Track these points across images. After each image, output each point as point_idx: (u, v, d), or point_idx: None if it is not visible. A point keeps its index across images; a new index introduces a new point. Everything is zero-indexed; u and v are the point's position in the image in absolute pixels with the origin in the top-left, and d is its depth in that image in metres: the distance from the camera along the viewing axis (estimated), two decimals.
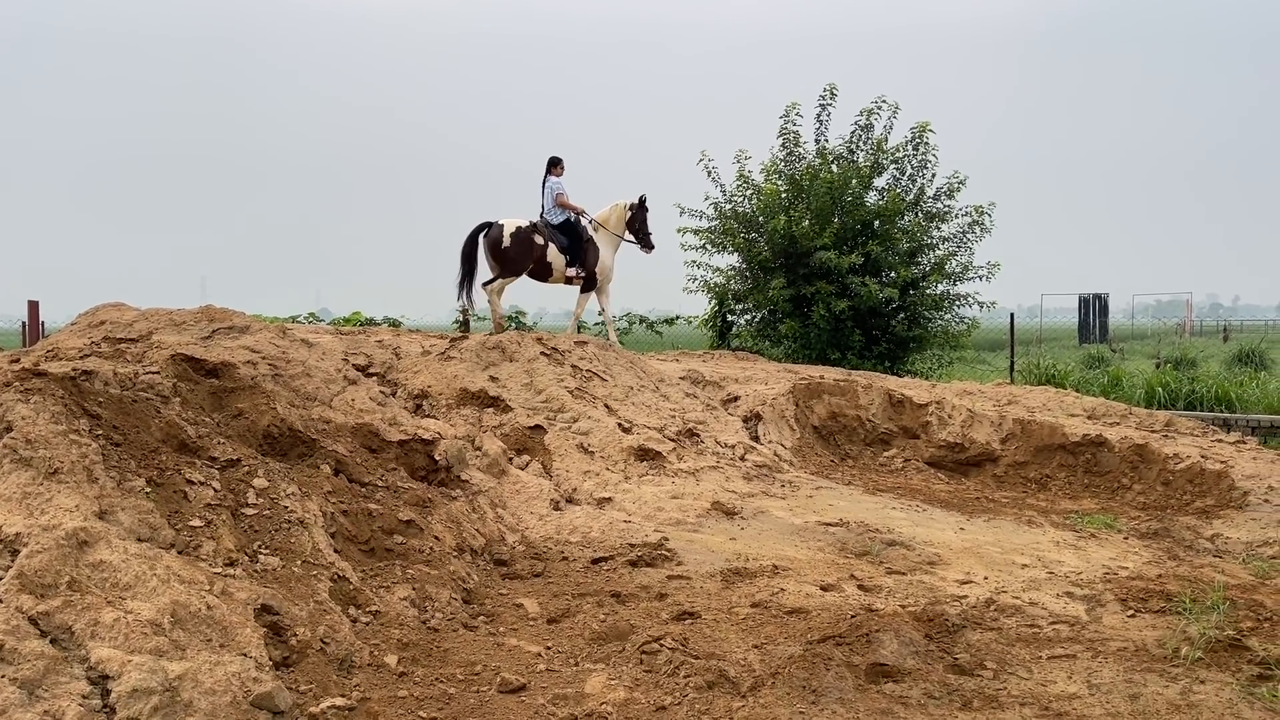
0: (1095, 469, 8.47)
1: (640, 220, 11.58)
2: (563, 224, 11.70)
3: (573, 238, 11.64)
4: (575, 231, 11.69)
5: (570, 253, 11.56)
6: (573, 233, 11.68)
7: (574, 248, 11.58)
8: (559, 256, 11.51)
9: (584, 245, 11.60)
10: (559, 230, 11.66)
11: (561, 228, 11.69)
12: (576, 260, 11.57)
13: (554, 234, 11.61)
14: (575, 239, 11.64)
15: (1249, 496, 7.11)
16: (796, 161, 15.16)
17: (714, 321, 16.17)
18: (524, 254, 11.50)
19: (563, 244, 11.55)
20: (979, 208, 14.73)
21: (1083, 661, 3.86)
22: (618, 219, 11.67)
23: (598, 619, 4.27)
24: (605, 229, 11.63)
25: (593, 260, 11.60)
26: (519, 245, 11.49)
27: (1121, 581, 4.99)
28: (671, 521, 5.93)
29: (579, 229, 11.70)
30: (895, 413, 9.50)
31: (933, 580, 5.01)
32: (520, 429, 6.76)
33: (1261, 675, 3.67)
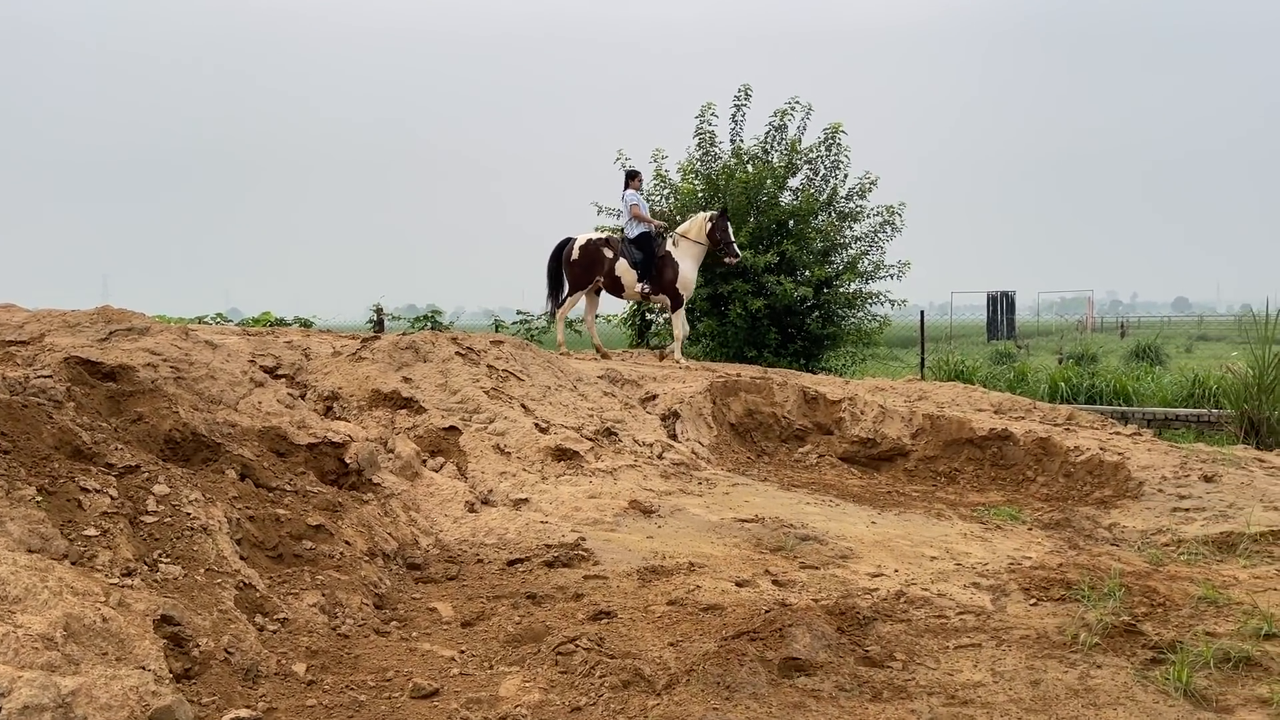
0: (1001, 462, 8.71)
1: (721, 229, 11.33)
2: (638, 238, 11.34)
3: (647, 252, 11.25)
4: (650, 246, 11.30)
5: (642, 268, 11.17)
6: (647, 247, 11.30)
7: (646, 263, 11.19)
8: (629, 271, 11.17)
9: (658, 260, 11.20)
10: (634, 244, 11.31)
11: (637, 242, 11.33)
12: (647, 275, 11.18)
13: (627, 248, 11.28)
14: (649, 254, 11.25)
15: (1144, 486, 7.38)
16: (713, 161, 15.29)
17: (633, 320, 16.21)
18: (590, 267, 11.25)
19: (634, 258, 11.18)
20: (890, 208, 15.06)
21: (988, 650, 3.97)
22: (698, 229, 11.37)
23: (513, 621, 4.24)
24: (687, 239, 11.29)
25: (670, 276, 11.20)
26: (586, 258, 11.27)
27: (1025, 571, 5.14)
28: (589, 521, 5.91)
29: (653, 244, 11.32)
30: (810, 409, 9.63)
31: (845, 574, 5.09)
32: (435, 430, 6.67)
33: (1155, 659, 3.82)
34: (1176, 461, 7.85)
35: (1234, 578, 5.03)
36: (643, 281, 11.19)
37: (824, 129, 15.15)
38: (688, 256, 11.34)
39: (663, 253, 11.28)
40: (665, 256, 11.26)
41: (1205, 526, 6.31)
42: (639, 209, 11.37)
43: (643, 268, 11.20)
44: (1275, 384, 11.29)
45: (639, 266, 11.19)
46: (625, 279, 11.20)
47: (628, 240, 11.37)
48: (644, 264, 11.21)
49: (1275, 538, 5.88)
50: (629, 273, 11.15)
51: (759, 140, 15.39)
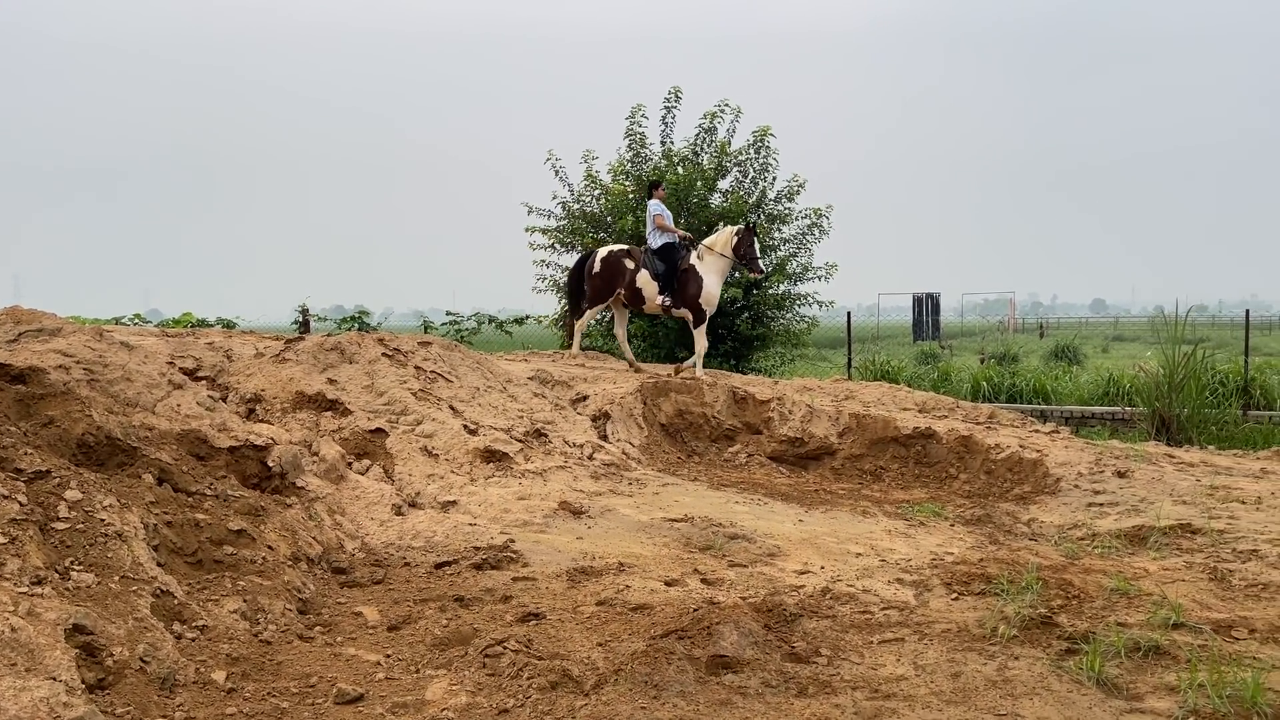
0: (925, 460, 8.89)
1: (748, 244, 10.89)
2: (661, 249, 10.96)
3: (670, 264, 10.85)
4: (673, 258, 10.90)
5: (664, 280, 10.80)
6: (670, 259, 10.90)
7: (668, 275, 10.80)
8: (650, 283, 10.80)
9: (681, 274, 10.80)
10: (657, 255, 10.92)
11: (660, 253, 10.94)
12: (669, 288, 10.79)
13: (650, 259, 10.90)
14: (672, 266, 10.84)
15: (1061, 483, 7.60)
16: (643, 162, 15.33)
17: (564, 321, 16.17)
18: (611, 279, 10.91)
19: (657, 270, 10.81)
20: (817, 210, 15.25)
21: (910, 644, 4.05)
22: (724, 243, 10.98)
23: (440, 624, 4.20)
24: (712, 252, 10.90)
25: (693, 290, 10.78)
26: (607, 270, 10.94)
27: (947, 566, 5.25)
28: (518, 523, 5.88)
29: (676, 256, 10.92)
30: (739, 409, 9.72)
31: (773, 571, 5.14)
32: (360, 433, 6.57)
33: (1069, 649, 3.93)
34: (1092, 458, 8.09)
35: (1145, 570, 5.20)
36: (664, 294, 10.82)
37: (753, 131, 15.30)
38: (712, 270, 10.93)
39: (686, 266, 10.88)
40: (689, 270, 10.85)
41: (1118, 521, 6.51)
42: (663, 219, 11.00)
43: (665, 280, 10.82)
44: (1184, 382, 11.72)
45: (661, 279, 10.82)
46: (646, 291, 10.83)
47: (650, 251, 10.98)
48: (666, 276, 10.83)
49: (1184, 531, 6.09)
50: (650, 285, 10.80)
51: (689, 142, 15.49)
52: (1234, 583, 4.97)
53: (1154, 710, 3.40)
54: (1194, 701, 3.38)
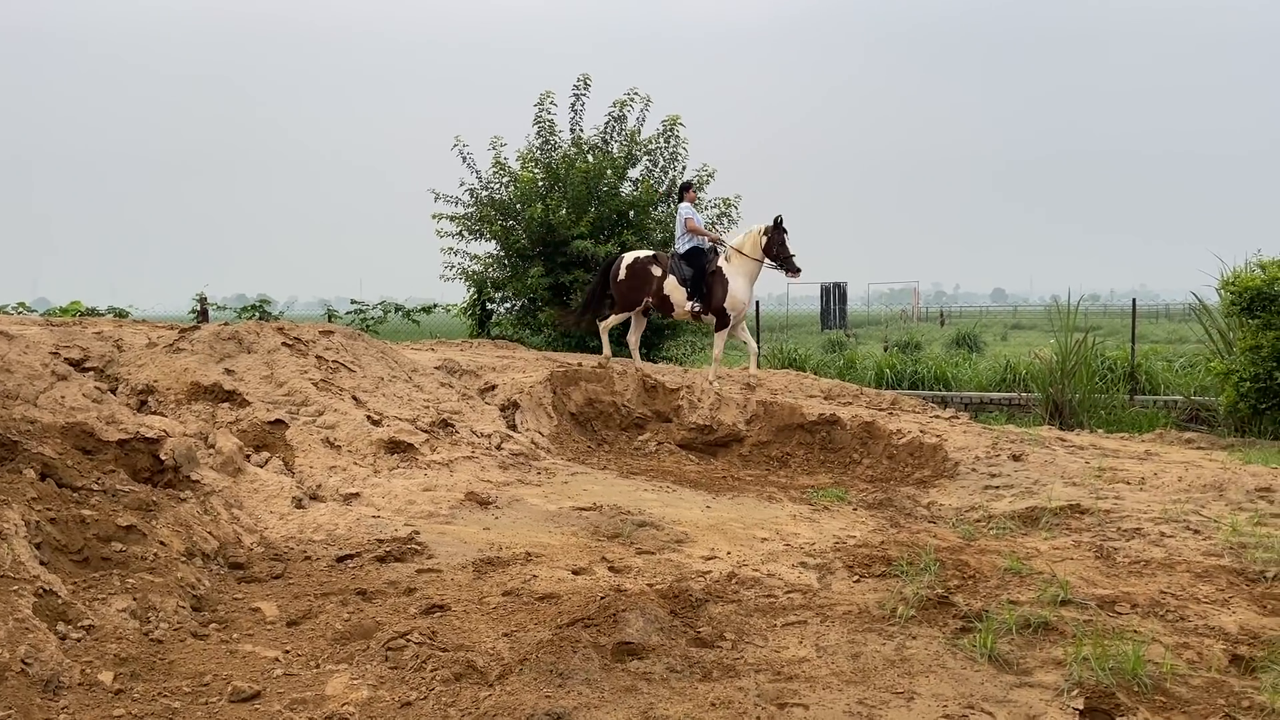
0: (830, 446, 9.05)
1: (778, 242, 10.37)
2: (688, 253, 10.61)
3: (697, 269, 10.48)
4: (701, 262, 10.53)
5: (692, 285, 10.42)
6: (698, 263, 10.52)
7: (696, 280, 10.42)
8: (678, 289, 10.43)
9: (709, 278, 10.43)
10: (684, 260, 10.56)
11: (687, 257, 10.59)
12: (697, 294, 10.41)
13: (676, 264, 10.53)
14: (699, 270, 10.47)
15: (959, 466, 7.82)
16: (553, 150, 15.24)
17: (473, 310, 16.01)
18: (638, 287, 10.53)
19: (684, 275, 10.44)
20: (726, 200, 15.37)
21: (813, 626, 4.12)
22: (753, 244, 10.48)
23: (341, 618, 4.12)
24: (741, 254, 10.47)
25: (720, 295, 10.35)
26: (633, 278, 10.54)
27: (849, 550, 5.35)
28: (423, 514, 5.80)
29: (704, 260, 10.55)
30: (649, 398, 9.76)
31: (680, 558, 5.18)
32: (259, 424, 6.39)
33: (964, 628, 4.05)
34: (989, 442, 8.35)
35: (1036, 549, 5.39)
36: (693, 300, 10.44)
37: (663, 120, 15.34)
38: (740, 273, 10.46)
39: (714, 269, 10.49)
40: (716, 273, 10.45)
41: (1013, 502, 6.74)
42: (694, 222, 10.65)
43: (693, 285, 10.44)
44: (1076, 369, 12.18)
45: (689, 284, 10.45)
46: (674, 297, 10.47)
47: (677, 256, 10.63)
48: (694, 281, 10.45)
49: (1073, 511, 6.33)
50: (678, 290, 10.44)
51: (599, 130, 15.45)
52: (1118, 560, 5.19)
53: (1042, 683, 3.52)
54: (1079, 674, 3.52)
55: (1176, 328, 27.85)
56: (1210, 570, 4.94)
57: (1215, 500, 6.54)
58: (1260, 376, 10.39)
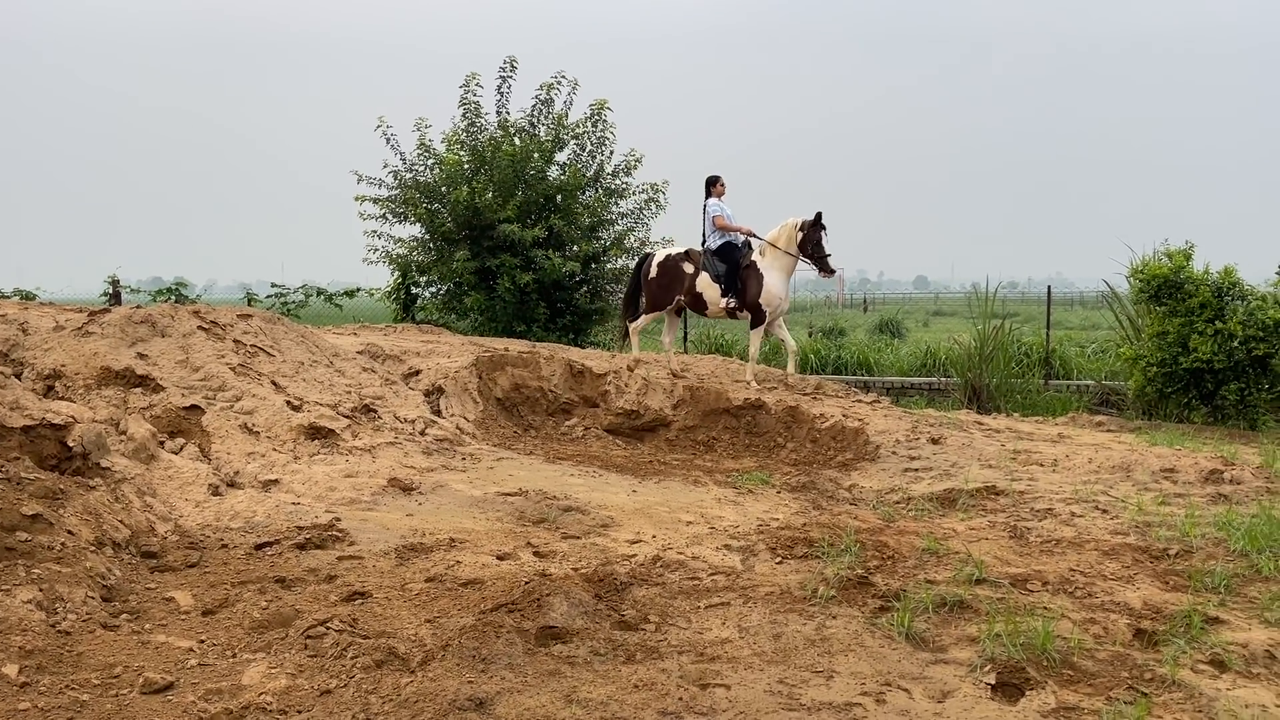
0: (755, 430, 9.15)
1: (814, 240, 10.04)
2: (721, 249, 10.29)
3: (730, 264, 10.18)
4: (734, 257, 10.23)
5: (726, 281, 10.14)
6: (731, 258, 10.22)
7: (730, 275, 10.14)
8: (711, 286, 10.17)
9: (742, 273, 10.15)
10: (716, 255, 10.27)
11: (720, 253, 10.28)
12: (732, 289, 10.13)
13: (710, 261, 10.25)
14: (733, 265, 10.17)
15: (880, 450, 7.97)
16: (479, 133, 15.08)
17: (397, 294, 15.78)
18: (670, 285, 10.30)
19: (717, 271, 10.17)
20: (654, 185, 15.38)
21: (735, 608, 4.16)
22: (788, 238, 10.15)
23: (259, 607, 4.04)
24: (775, 249, 10.16)
25: (754, 290, 10.06)
26: (665, 276, 10.30)
27: (773, 532, 5.42)
28: (345, 501, 5.72)
29: (737, 255, 10.26)
30: (576, 383, 9.74)
31: (606, 542, 5.19)
32: (174, 410, 6.22)
33: (883, 607, 4.13)
34: (909, 426, 8.52)
35: (953, 530, 5.53)
36: (727, 296, 10.18)
37: (590, 105, 15.28)
38: (775, 268, 10.19)
39: (748, 263, 10.23)
40: (750, 267, 10.20)
41: (931, 484, 6.89)
42: (724, 219, 10.30)
43: (727, 281, 10.19)
44: (993, 354, 12.49)
45: (722, 280, 10.21)
46: (708, 295, 10.26)
47: (709, 252, 10.36)
48: (728, 277, 10.20)
49: (989, 493, 6.51)
50: (711, 288, 10.23)
51: (525, 113, 15.32)
52: (1031, 540, 5.34)
53: (956, 660, 3.61)
54: (991, 650, 3.62)
55: (1090, 314, 28.76)
56: (1117, 548, 5.12)
57: (1123, 481, 6.77)
58: (1166, 362, 10.78)
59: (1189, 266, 10.79)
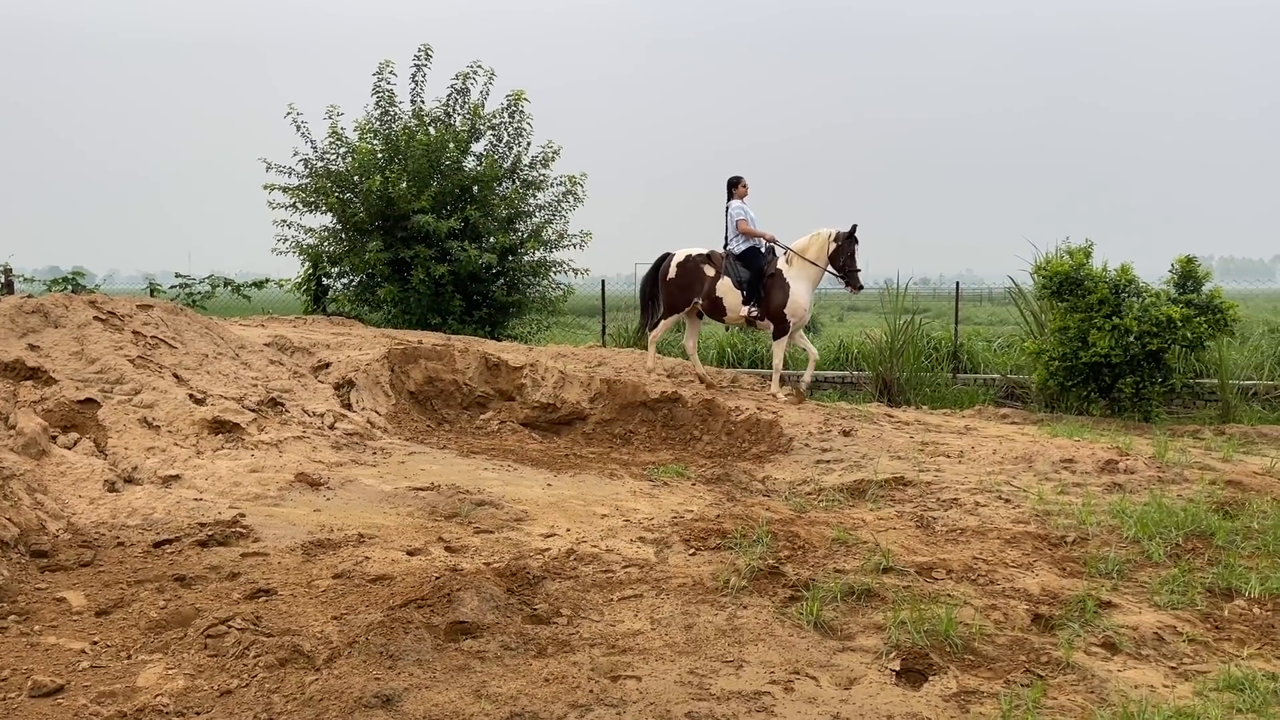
0: (672, 423, 9.19)
1: (848, 253, 9.70)
2: (745, 254, 9.92)
3: (754, 270, 9.80)
4: (758, 263, 9.85)
5: (749, 288, 9.76)
6: (755, 264, 9.84)
7: (754, 283, 9.76)
8: (733, 292, 9.78)
9: (766, 281, 9.77)
10: (740, 260, 9.88)
11: (743, 258, 9.89)
12: (754, 297, 9.76)
13: (732, 265, 9.85)
14: (757, 272, 9.79)
15: (794, 442, 8.08)
16: (392, 121, 14.82)
17: (308, 285, 15.41)
18: (688, 287, 9.87)
19: (739, 277, 9.77)
20: (572, 178, 15.30)
21: (648, 600, 4.17)
22: (819, 249, 9.79)
23: (157, 606, 3.90)
24: (804, 259, 9.78)
25: (778, 299, 9.70)
26: (684, 277, 9.86)
27: (687, 524, 5.45)
28: (250, 496, 5.57)
29: (762, 261, 9.88)
30: (492, 376, 9.65)
31: (519, 536, 5.15)
32: (67, 404, 5.97)
33: (793, 597, 4.19)
34: (821, 419, 8.65)
35: (862, 520, 5.63)
36: (749, 304, 9.82)
37: (507, 95, 15.12)
38: (802, 278, 9.86)
39: (773, 271, 9.89)
40: (775, 276, 9.85)
41: (842, 476, 7.00)
42: (747, 223, 10.00)
43: (750, 288, 9.83)
44: (904, 348, 12.75)
45: (745, 287, 9.84)
46: (728, 300, 9.88)
47: (733, 256, 10.01)
48: (751, 284, 9.83)
49: (897, 483, 6.64)
50: (732, 293, 9.85)
51: (440, 102, 15.10)
52: (937, 529, 5.48)
53: (863, 648, 3.68)
54: (897, 637, 3.69)
55: (997, 310, 29.60)
56: (1018, 536, 5.28)
57: (1025, 471, 6.98)
58: (1067, 356, 11.14)
59: (1088, 264, 11.17)
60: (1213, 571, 4.65)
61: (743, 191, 10.13)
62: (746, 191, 10.14)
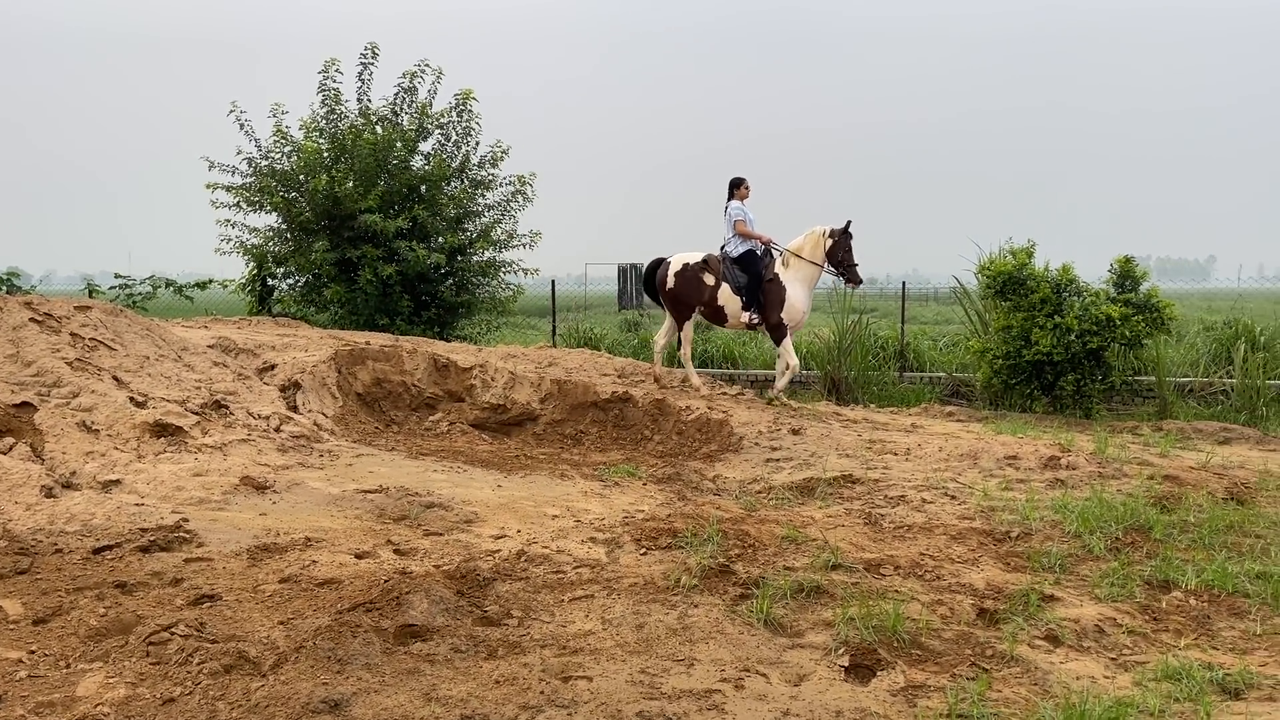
0: (623, 423, 9.20)
1: (844, 249, 9.65)
2: (742, 257, 9.76)
3: (753, 275, 9.68)
4: (756, 267, 9.72)
5: (748, 293, 9.65)
6: (753, 269, 9.71)
7: (752, 287, 9.66)
8: (733, 298, 9.68)
9: (764, 285, 9.66)
10: (737, 265, 9.74)
11: (741, 262, 9.75)
12: (753, 303, 9.65)
13: (730, 270, 9.71)
14: (755, 276, 9.68)
15: (744, 441, 8.13)
16: (339, 120, 14.64)
17: (252, 286, 15.17)
18: (689, 295, 9.76)
19: (739, 282, 9.66)
20: (521, 177, 15.24)
21: (599, 600, 4.17)
22: (813, 247, 9.72)
23: (97, 614, 3.82)
24: (800, 259, 9.69)
25: (776, 302, 9.61)
26: (684, 286, 9.74)
27: (638, 523, 5.45)
28: (193, 501, 5.46)
29: (759, 266, 9.75)
30: (441, 377, 9.58)
31: (469, 538, 5.12)
32: (2, 407, 5.80)
33: (743, 595, 4.21)
34: (771, 418, 8.72)
35: (811, 518, 5.68)
36: (749, 309, 9.76)
37: (455, 94, 15.02)
38: (799, 280, 9.79)
39: (771, 275, 9.81)
40: (774, 280, 9.78)
41: (791, 474, 7.06)
42: (745, 225, 9.85)
43: (749, 293, 9.76)
44: (852, 348, 12.90)
45: (744, 292, 9.77)
46: (729, 307, 9.82)
47: (730, 260, 9.92)
48: (750, 289, 9.76)
49: (846, 481, 6.72)
50: (732, 300, 9.78)
51: (388, 101, 14.96)
52: (884, 526, 5.55)
53: (813, 644, 3.71)
54: (846, 633, 3.74)
55: (943, 309, 30.03)
56: (964, 532, 5.36)
57: (970, 468, 7.10)
58: (1011, 354, 11.35)
59: (1031, 264, 11.39)
60: (1151, 564, 4.77)
61: (744, 193, 10.06)
62: (748, 193, 10.08)
